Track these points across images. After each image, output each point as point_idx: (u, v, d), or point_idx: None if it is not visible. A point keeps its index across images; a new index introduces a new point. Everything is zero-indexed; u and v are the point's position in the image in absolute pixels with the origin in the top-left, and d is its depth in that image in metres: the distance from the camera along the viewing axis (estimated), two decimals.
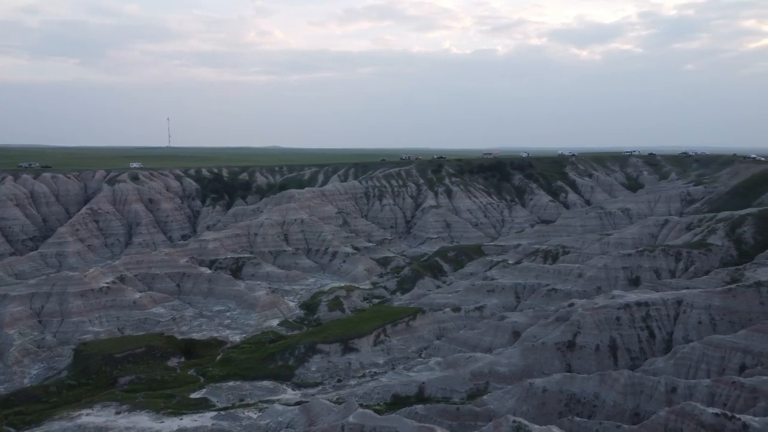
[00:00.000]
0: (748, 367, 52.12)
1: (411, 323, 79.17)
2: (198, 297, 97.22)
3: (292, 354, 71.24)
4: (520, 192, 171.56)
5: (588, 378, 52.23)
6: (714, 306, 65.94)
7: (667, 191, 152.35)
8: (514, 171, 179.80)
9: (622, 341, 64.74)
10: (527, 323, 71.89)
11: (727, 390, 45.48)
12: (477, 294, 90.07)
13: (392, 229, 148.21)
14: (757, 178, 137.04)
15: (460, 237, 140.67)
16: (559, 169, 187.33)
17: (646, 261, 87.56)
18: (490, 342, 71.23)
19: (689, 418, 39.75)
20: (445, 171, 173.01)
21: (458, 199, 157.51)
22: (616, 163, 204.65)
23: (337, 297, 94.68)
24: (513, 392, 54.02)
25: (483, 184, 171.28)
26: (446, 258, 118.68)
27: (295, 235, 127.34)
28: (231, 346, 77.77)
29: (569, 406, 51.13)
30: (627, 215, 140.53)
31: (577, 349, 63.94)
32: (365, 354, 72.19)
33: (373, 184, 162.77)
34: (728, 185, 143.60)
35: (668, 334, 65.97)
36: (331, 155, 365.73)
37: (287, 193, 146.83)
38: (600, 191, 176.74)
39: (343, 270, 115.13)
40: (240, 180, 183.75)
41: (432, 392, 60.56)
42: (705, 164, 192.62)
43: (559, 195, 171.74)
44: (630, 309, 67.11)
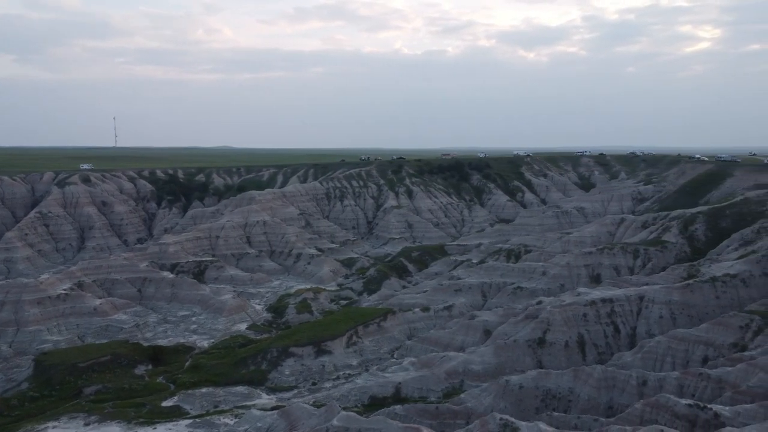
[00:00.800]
0: (710, 358, 54.86)
1: (382, 324, 79.51)
2: (161, 302, 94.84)
3: (264, 358, 70.49)
4: (478, 192, 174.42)
5: (562, 374, 53.82)
6: (674, 301, 69.01)
7: (619, 190, 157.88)
8: (472, 171, 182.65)
9: (589, 337, 66.94)
10: (498, 321, 73.35)
11: (694, 381, 47.77)
12: (445, 294, 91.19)
13: (354, 230, 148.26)
14: (702, 177, 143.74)
15: (422, 237, 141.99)
16: (515, 170, 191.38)
17: (606, 258, 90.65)
18: (462, 341, 72.32)
19: (664, 409, 41.58)
20: (406, 171, 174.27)
21: (419, 200, 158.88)
22: (568, 163, 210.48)
23: (305, 299, 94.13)
24: (490, 390, 55.05)
25: (443, 185, 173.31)
26: (410, 258, 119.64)
27: (257, 237, 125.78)
28: (200, 351, 76.24)
29: (545, 402, 52.56)
30: (582, 214, 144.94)
31: (548, 345, 65.69)
32: (338, 356, 72.10)
33: (334, 185, 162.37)
34: (676, 184, 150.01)
35: (632, 329, 68.62)
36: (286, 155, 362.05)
37: (248, 195, 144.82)
38: (555, 191, 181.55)
39: (308, 272, 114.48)
40: (196, 181, 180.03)
41: (408, 392, 61.05)
42: (652, 164, 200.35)
43: (516, 194, 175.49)
44: (596, 306, 69.46)
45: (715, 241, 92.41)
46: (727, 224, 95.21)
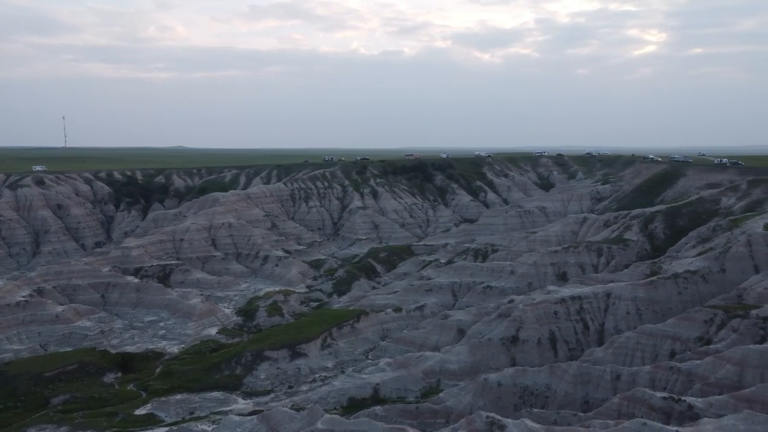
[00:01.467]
0: (677, 352, 57.13)
1: (356, 325, 79.68)
2: (126, 308, 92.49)
3: (238, 362, 69.72)
4: (442, 192, 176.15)
5: (539, 371, 55.15)
6: (639, 297, 71.55)
7: (578, 190, 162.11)
8: (435, 172, 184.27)
9: (560, 334, 68.77)
10: (471, 321, 74.52)
11: (665, 375, 49.72)
12: (416, 294, 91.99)
13: (320, 231, 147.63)
14: (657, 177, 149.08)
15: (389, 237, 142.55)
16: (477, 170, 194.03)
17: (572, 257, 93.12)
18: (437, 340, 73.19)
19: (640, 402, 43.16)
20: (370, 172, 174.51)
21: (384, 200, 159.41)
22: (528, 163, 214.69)
23: (275, 302, 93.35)
24: (468, 388, 55.92)
25: (407, 185, 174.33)
26: (378, 259, 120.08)
27: (223, 239, 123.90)
28: (170, 357, 74.78)
29: (523, 399, 53.78)
30: (544, 213, 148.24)
31: (521, 343, 67.18)
32: (314, 358, 71.94)
33: (298, 186, 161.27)
34: (632, 184, 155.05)
35: (600, 325, 70.81)
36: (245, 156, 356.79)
37: (211, 197, 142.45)
38: (516, 190, 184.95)
39: (276, 274, 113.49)
40: (156, 183, 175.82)
41: (387, 393, 61.44)
42: (608, 164, 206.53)
43: (479, 194, 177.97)
44: (566, 303, 71.41)
45: (673, 238, 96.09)
46: (684, 222, 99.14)
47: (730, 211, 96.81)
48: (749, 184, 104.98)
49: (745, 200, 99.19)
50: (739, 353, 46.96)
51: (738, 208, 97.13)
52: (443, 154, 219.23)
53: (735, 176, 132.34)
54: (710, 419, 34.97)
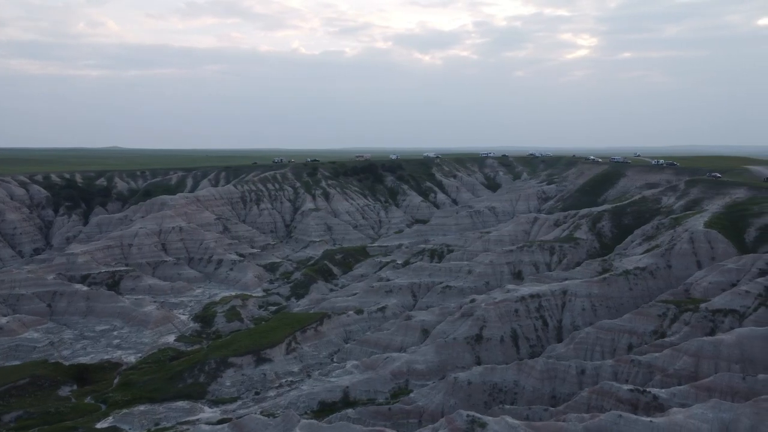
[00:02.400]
0: (634, 346, 60.06)
1: (319, 329, 79.49)
2: (75, 317, 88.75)
3: (202, 370, 68.29)
4: (393, 193, 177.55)
5: (507, 368, 56.78)
6: (594, 294, 74.64)
7: (525, 190, 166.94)
8: (385, 173, 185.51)
9: (521, 331, 70.89)
10: (435, 321, 75.71)
11: (627, 368, 52.23)
12: (376, 295, 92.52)
13: (272, 234, 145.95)
14: (599, 177, 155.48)
15: (342, 239, 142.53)
16: (426, 171, 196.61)
17: (526, 256, 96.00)
18: (402, 341, 73.97)
19: (608, 395, 45.22)
20: (321, 174, 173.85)
21: (336, 202, 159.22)
22: (475, 164, 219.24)
23: (234, 307, 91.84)
24: (439, 387, 56.95)
25: (358, 186, 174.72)
26: (334, 261, 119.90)
27: (174, 244, 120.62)
28: (128, 367, 72.39)
29: (492, 396, 55.24)
30: (494, 213, 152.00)
31: (485, 341, 68.84)
32: (279, 363, 71.30)
33: (249, 188, 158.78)
34: (576, 184, 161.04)
35: (558, 322, 73.43)
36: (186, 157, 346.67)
37: (159, 200, 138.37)
38: (465, 191, 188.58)
39: (231, 278, 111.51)
40: (97, 186, 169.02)
41: (357, 395, 61.72)
42: (551, 164, 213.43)
43: (429, 195, 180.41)
44: (525, 301, 73.67)
45: (620, 236, 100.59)
46: (629, 221, 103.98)
47: (671, 210, 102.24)
48: (687, 184, 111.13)
49: (684, 199, 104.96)
50: (694, 345, 49.88)
51: (678, 207, 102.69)
52: (393, 155, 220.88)
53: (671, 176, 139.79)
54: (680, 409, 37.13)
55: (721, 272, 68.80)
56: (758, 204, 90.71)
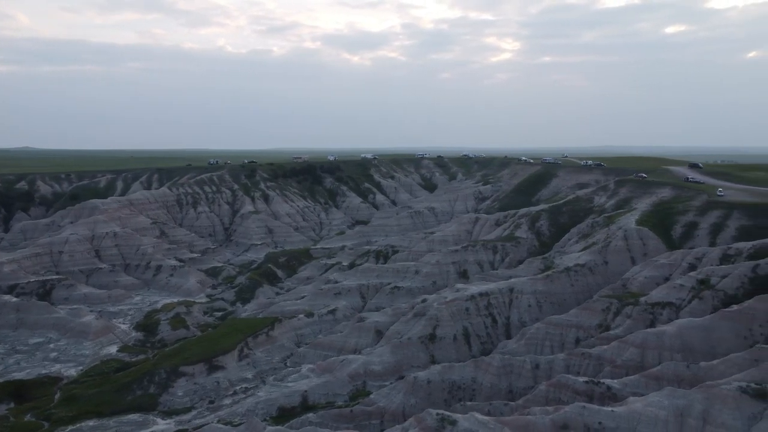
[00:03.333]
0: (581, 339, 63.12)
1: (271, 333, 78.60)
2: (5, 330, 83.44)
3: (152, 381, 66.08)
4: (332, 195, 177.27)
5: (465, 365, 58.36)
6: (539, 291, 77.80)
7: (462, 191, 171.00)
8: (324, 174, 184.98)
9: (473, 329, 72.91)
10: (388, 321, 76.55)
11: (578, 360, 54.95)
12: (325, 298, 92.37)
13: (211, 238, 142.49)
14: (533, 177, 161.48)
15: (284, 242, 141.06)
16: (364, 172, 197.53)
17: (471, 255, 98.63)
18: (356, 343, 74.33)
19: (565, 388, 47.48)
20: (260, 176, 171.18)
21: (276, 204, 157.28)
22: (411, 165, 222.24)
23: (178, 314, 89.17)
24: (399, 387, 57.81)
25: (297, 188, 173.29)
26: (278, 264, 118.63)
27: (108, 250, 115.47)
28: (69, 381, 68.95)
29: (452, 393, 56.66)
30: (433, 213, 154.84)
31: (438, 340, 70.33)
32: (232, 370, 70.04)
33: (185, 190, 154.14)
34: (510, 184, 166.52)
35: (506, 319, 76.03)
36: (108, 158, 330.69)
37: (89, 204, 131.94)
38: (403, 191, 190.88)
39: (172, 284, 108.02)
40: (18, 189, 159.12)
41: (315, 399, 61.67)
42: (484, 165, 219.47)
43: (368, 196, 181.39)
44: (475, 300, 75.80)
45: (557, 235, 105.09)
46: (565, 220, 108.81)
47: (603, 209, 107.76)
48: (616, 184, 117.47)
49: (615, 199, 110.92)
50: (639, 337, 53.15)
51: (609, 205, 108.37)
52: (330, 157, 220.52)
53: (600, 176, 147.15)
54: (637, 398, 39.60)
55: (655, 267, 73.39)
56: (682, 203, 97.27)
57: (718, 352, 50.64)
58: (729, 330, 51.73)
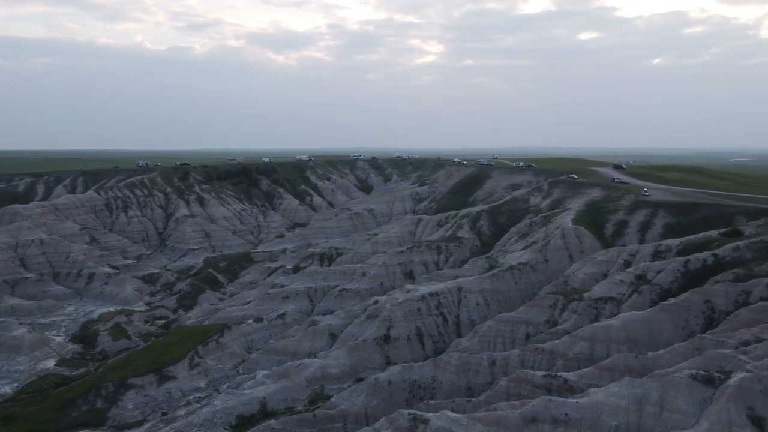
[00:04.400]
0: (531, 335, 65.93)
1: (220, 340, 77.00)
2: None
3: (98, 395, 63.29)
4: (269, 197, 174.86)
5: (424, 365, 59.69)
6: (485, 289, 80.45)
7: (400, 192, 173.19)
8: (260, 176, 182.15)
9: (425, 329, 74.48)
10: (341, 324, 76.83)
11: (532, 355, 57.51)
12: (273, 302, 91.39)
13: (145, 243, 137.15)
14: (468, 179, 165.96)
15: (222, 246, 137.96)
16: (301, 174, 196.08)
17: (416, 256, 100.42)
18: (310, 347, 74.16)
19: (525, 382, 49.62)
20: (193, 178, 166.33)
21: (212, 207, 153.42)
22: (346, 166, 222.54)
23: (118, 324, 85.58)
24: (360, 389, 58.34)
25: (233, 191, 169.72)
26: (219, 269, 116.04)
27: (35, 258, 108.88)
28: (5, 400, 64.82)
29: (413, 393, 57.81)
30: (372, 215, 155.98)
31: (393, 341, 71.41)
32: (183, 380, 68.16)
33: (114, 194, 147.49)
34: (446, 185, 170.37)
35: (456, 317, 78.14)
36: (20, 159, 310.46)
37: (10, 209, 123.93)
38: (340, 193, 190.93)
39: (107, 293, 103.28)
40: None
41: (274, 405, 61.14)
42: (418, 166, 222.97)
43: (305, 198, 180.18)
44: (426, 300, 77.45)
45: (497, 234, 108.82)
46: (504, 220, 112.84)
47: (539, 209, 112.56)
48: (550, 185, 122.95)
49: (549, 199, 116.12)
50: (588, 331, 56.32)
51: (545, 205, 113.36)
52: (265, 159, 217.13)
53: (531, 177, 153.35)
54: (598, 388, 42.05)
55: (593, 264, 77.70)
56: (612, 202, 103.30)
57: (659, 343, 54.56)
58: (668, 321, 55.82)
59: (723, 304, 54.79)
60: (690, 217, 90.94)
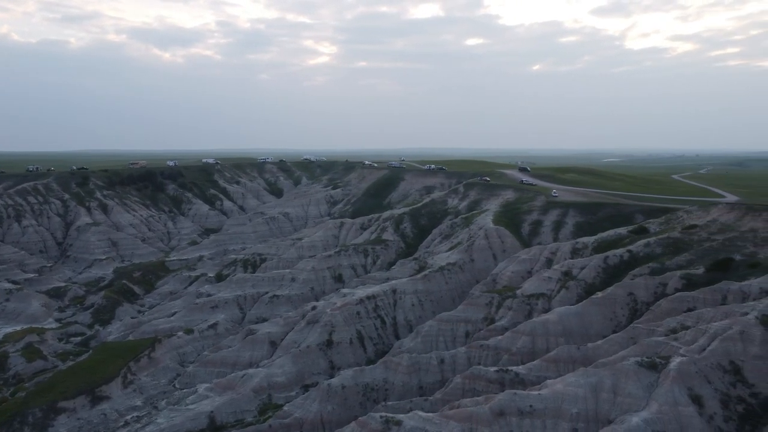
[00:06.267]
0: (471, 333, 69.13)
1: (152, 355, 73.66)
2: None
3: (24, 422, 58.64)
4: (177, 202, 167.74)
5: (375, 367, 60.96)
6: (419, 290, 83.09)
7: (314, 195, 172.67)
8: (166, 181, 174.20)
9: (365, 332, 75.72)
10: (282, 331, 76.14)
11: (478, 352, 60.52)
12: (201, 312, 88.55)
13: (43, 254, 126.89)
14: (382, 181, 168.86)
15: (131, 255, 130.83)
16: (208, 178, 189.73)
17: (345, 260, 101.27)
18: (250, 356, 72.88)
19: (479, 378, 52.33)
20: (94, 183, 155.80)
21: (116, 214, 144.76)
22: (254, 169, 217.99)
23: (30, 343, 79.15)
24: (313, 396, 58.56)
25: (138, 196, 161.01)
26: (133, 279, 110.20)
27: None
28: None
29: (366, 395, 58.93)
30: (288, 219, 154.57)
31: (335, 345, 72.00)
32: (118, 400, 64.66)
33: (4, 202, 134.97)
34: (360, 188, 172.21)
35: (393, 319, 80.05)
36: None
37: None
38: (251, 197, 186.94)
39: (10, 310, 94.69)
40: None
41: (223, 419, 59.86)
42: (327, 169, 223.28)
43: (215, 203, 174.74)
44: (364, 303, 78.72)
45: (419, 236, 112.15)
46: (425, 222, 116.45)
47: (458, 210, 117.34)
48: (465, 188, 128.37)
49: (466, 201, 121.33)
50: (529, 326, 60.15)
51: (463, 207, 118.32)
52: (170, 162, 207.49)
53: (443, 179, 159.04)
54: (555, 379, 45.36)
55: (519, 262, 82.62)
56: (525, 203, 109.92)
57: (591, 334, 59.48)
58: (598, 314, 60.93)
59: (644, 296, 60.67)
60: (596, 216, 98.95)
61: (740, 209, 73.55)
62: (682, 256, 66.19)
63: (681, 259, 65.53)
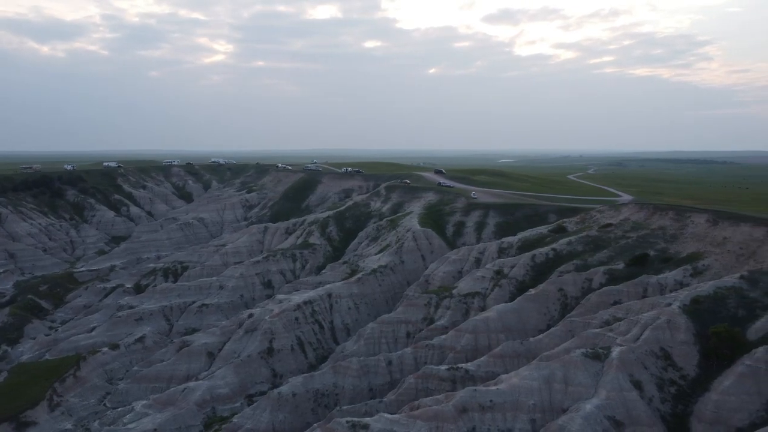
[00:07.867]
0: (411, 333, 71.00)
1: (78, 374, 69.23)
2: None
3: None
4: (78, 209, 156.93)
5: (324, 372, 61.14)
6: (354, 293, 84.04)
7: (228, 199, 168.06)
8: (65, 186, 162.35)
9: (305, 338, 75.55)
10: (218, 341, 74.14)
11: (424, 351, 62.45)
12: (125, 326, 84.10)
13: None
14: (299, 184, 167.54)
15: (32, 267, 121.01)
16: (112, 182, 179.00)
17: (273, 265, 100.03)
18: (187, 369, 70.43)
19: (431, 377, 54.17)
20: None
21: (12, 223, 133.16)
22: (160, 173, 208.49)
23: None
24: (263, 406, 57.79)
25: (34, 203, 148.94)
26: (40, 293, 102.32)
27: None
28: None
29: (317, 401, 59.04)
30: (203, 224, 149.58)
31: (276, 353, 71.32)
32: (46, 424, 60.29)
33: None
34: (277, 191, 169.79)
35: (330, 323, 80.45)
36: None
37: None
38: (159, 202, 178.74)
39: None
40: None
41: None
42: (237, 172, 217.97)
43: (120, 209, 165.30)
44: (302, 308, 78.47)
45: (346, 239, 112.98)
46: (350, 225, 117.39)
47: (382, 213, 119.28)
48: (387, 190, 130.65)
49: (389, 203, 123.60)
50: (471, 324, 62.89)
51: (386, 210, 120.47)
52: (68, 166, 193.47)
53: (361, 182, 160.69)
54: (510, 374, 48.04)
55: (449, 263, 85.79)
56: (447, 205, 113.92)
57: (528, 329, 63.26)
58: (533, 310, 64.84)
59: (573, 291, 65.35)
60: (514, 216, 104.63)
61: (648, 209, 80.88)
62: (603, 253, 71.92)
63: (602, 256, 71.19)
